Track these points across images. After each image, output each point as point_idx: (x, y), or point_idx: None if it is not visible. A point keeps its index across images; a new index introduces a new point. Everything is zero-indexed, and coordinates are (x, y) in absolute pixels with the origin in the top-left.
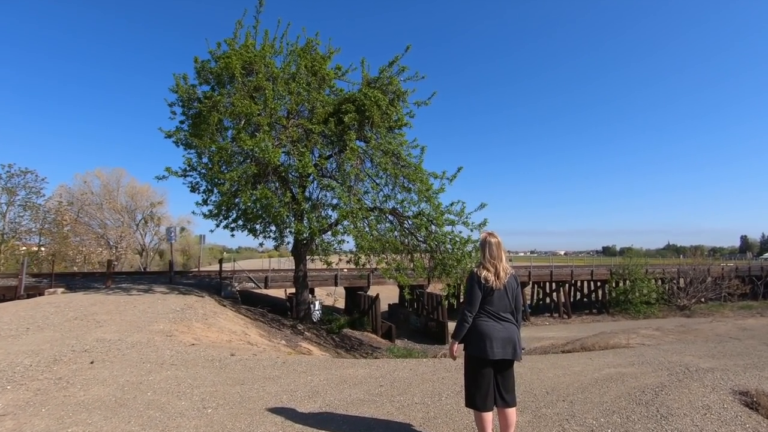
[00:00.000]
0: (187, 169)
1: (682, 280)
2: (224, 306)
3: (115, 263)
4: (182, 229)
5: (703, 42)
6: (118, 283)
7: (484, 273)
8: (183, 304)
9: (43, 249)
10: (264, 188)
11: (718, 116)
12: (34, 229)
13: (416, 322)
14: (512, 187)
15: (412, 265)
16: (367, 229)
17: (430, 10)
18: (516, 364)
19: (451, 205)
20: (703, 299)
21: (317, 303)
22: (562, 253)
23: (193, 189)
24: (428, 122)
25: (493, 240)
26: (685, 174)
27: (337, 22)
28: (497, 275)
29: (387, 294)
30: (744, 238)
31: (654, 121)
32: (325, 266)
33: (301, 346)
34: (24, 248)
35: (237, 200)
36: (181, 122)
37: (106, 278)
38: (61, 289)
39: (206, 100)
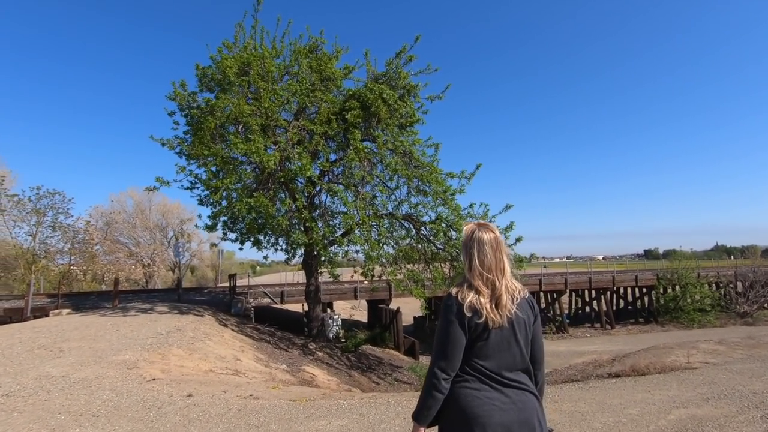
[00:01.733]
0: (194, 181)
1: (740, 284)
2: (225, 325)
3: (145, 281)
4: (213, 244)
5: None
6: (128, 301)
7: (470, 297)
8: (173, 325)
9: (74, 268)
10: (261, 195)
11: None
12: (65, 249)
13: None
14: (540, 186)
15: (430, 276)
16: (376, 237)
17: (438, 5)
18: (548, 408)
19: (471, 207)
20: (766, 305)
21: (336, 318)
22: (601, 257)
23: (202, 202)
24: (443, 120)
25: (485, 236)
26: (734, 170)
27: (343, 18)
28: (496, 301)
29: (413, 306)
30: None
31: (702, 114)
32: (331, 279)
33: (305, 371)
34: (56, 268)
35: (235, 210)
36: (185, 132)
37: (113, 297)
38: (67, 310)
39: (204, 107)
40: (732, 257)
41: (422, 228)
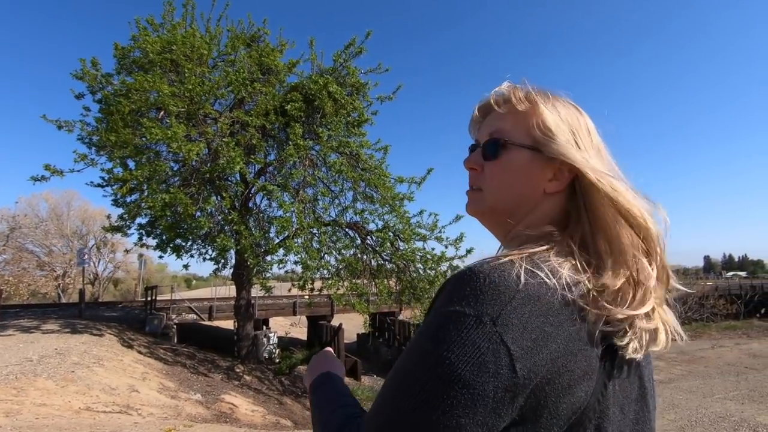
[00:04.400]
0: (106, 177)
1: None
2: (130, 347)
3: (57, 294)
4: (140, 255)
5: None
6: (15, 318)
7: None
8: (54, 348)
9: None
10: (178, 192)
11: (679, 139)
12: None
13: (387, 354)
14: None
15: (375, 290)
16: (317, 245)
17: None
18: None
19: (420, 214)
20: (686, 321)
21: (271, 336)
22: None
23: (116, 203)
24: (394, 123)
25: (587, 121)
26: (663, 192)
27: (289, 19)
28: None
29: (356, 322)
30: (707, 258)
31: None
32: (264, 292)
33: (223, 401)
34: None
35: (144, 206)
36: (97, 120)
37: None
38: None
39: (119, 89)
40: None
41: (368, 237)
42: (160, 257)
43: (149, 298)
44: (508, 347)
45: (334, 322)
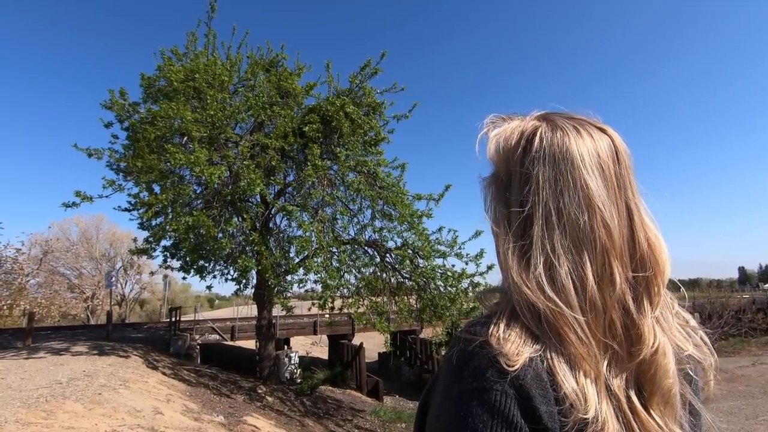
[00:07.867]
0: (133, 201)
1: (698, 315)
2: (155, 368)
3: (86, 316)
4: (165, 276)
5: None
6: (46, 340)
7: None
8: (82, 370)
9: None
10: (201, 214)
11: (708, 148)
12: None
13: (409, 374)
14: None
15: (395, 308)
16: (336, 264)
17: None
18: None
19: (439, 230)
20: (723, 336)
21: (293, 356)
22: None
23: (142, 226)
24: (411, 140)
25: (581, 148)
26: (676, 203)
27: (304, 41)
28: (645, 386)
29: (377, 341)
30: (742, 269)
31: (643, 142)
32: (285, 311)
33: (246, 422)
34: None
35: (169, 229)
36: (125, 147)
37: (24, 335)
38: None
39: (145, 116)
40: (681, 289)
41: (387, 255)
42: (184, 278)
43: (173, 319)
44: None
45: (355, 341)
